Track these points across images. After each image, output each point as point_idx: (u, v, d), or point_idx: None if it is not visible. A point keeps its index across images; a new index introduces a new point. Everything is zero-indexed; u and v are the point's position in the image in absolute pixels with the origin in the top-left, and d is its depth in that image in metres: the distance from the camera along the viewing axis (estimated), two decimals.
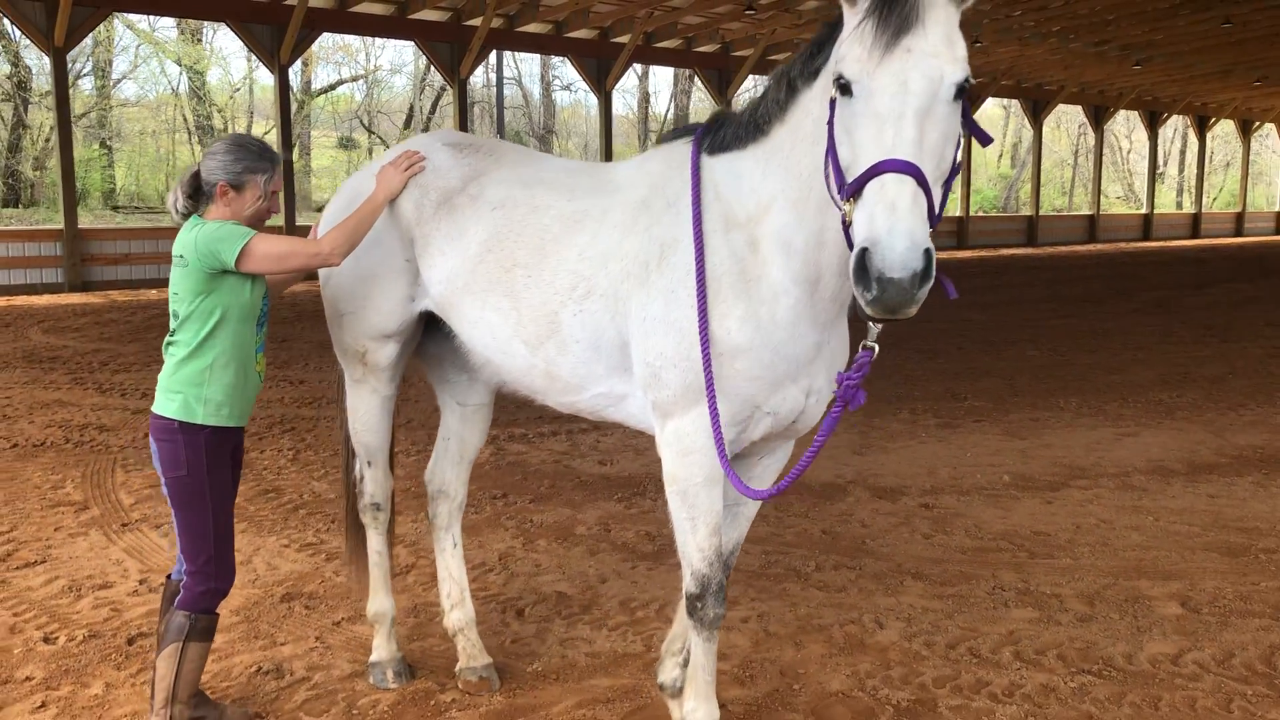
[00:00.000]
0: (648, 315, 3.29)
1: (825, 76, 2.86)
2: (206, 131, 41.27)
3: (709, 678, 3.52)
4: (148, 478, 7.23)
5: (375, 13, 22.90)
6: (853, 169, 2.55)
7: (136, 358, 12.13)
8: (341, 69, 46.22)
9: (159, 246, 20.92)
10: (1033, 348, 13.09)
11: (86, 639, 4.67)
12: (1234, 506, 6.65)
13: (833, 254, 3.04)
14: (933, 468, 7.60)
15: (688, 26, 26.55)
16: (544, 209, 3.65)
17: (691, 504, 3.31)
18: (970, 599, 5.16)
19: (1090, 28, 28.22)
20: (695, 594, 3.39)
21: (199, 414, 3.60)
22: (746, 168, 3.22)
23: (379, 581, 4.36)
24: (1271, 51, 32.24)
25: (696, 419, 3.24)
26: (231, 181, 3.62)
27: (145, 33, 38.46)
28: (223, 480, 3.69)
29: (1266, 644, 4.63)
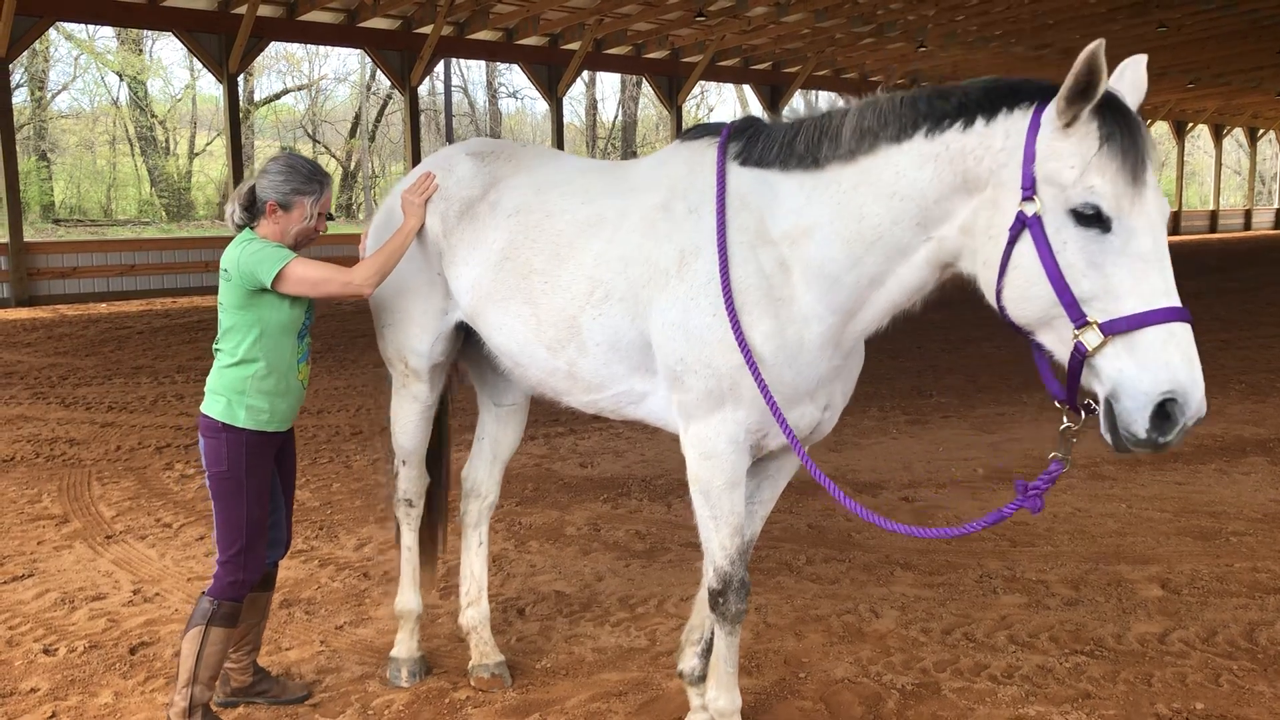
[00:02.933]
0: (666, 321, 3.31)
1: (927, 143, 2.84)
2: (149, 142, 40.68)
3: (731, 669, 3.61)
4: (125, 490, 7.17)
5: (325, 21, 22.76)
6: (1108, 305, 2.51)
7: (96, 371, 11.96)
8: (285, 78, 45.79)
9: (106, 260, 20.65)
10: (991, 345, 13.35)
11: (88, 650, 4.64)
12: (1200, 492, 6.87)
13: (889, 297, 3.08)
14: (908, 462, 7.76)
15: (637, 33, 26.69)
16: (558, 214, 3.68)
17: (714, 505, 3.37)
18: (960, 586, 5.29)
19: (1031, 32, 28.81)
20: (718, 590, 3.46)
21: (240, 418, 3.73)
22: (786, 189, 3.18)
23: (407, 578, 4.41)
24: (1203, 54, 33.14)
25: (719, 424, 3.29)
26: (280, 201, 3.73)
27: (84, 42, 37.83)
28: (262, 479, 3.80)
29: (1246, 621, 4.81)
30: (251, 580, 3.83)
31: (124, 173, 41.22)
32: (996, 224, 2.69)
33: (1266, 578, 5.33)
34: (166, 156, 42.03)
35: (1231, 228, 49.77)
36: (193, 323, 16.59)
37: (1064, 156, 2.55)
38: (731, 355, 3.18)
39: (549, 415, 9.23)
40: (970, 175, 2.76)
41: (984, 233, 2.74)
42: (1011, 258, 2.64)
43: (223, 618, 3.78)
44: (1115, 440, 2.52)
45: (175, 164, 42.37)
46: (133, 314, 17.94)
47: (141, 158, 41.43)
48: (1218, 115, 47.82)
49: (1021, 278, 2.63)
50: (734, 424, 3.28)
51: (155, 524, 6.43)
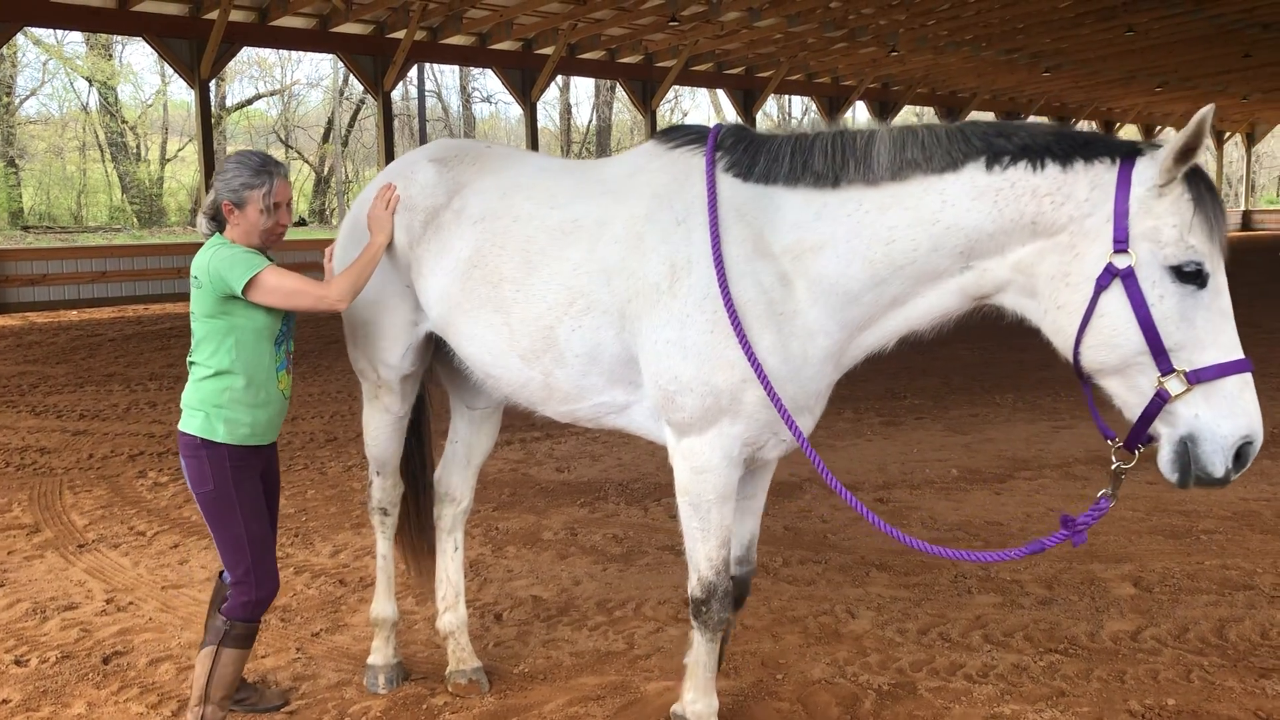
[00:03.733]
0: (659, 339, 3.21)
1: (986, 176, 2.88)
2: (119, 148, 40.36)
3: (710, 674, 3.63)
4: (97, 498, 7.11)
5: (297, 26, 22.68)
6: (1193, 355, 2.67)
7: (67, 379, 11.86)
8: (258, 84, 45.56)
9: (77, 267, 20.49)
10: (963, 347, 13.44)
11: (60, 660, 4.60)
12: (1171, 491, 6.93)
13: (908, 320, 3.13)
14: (882, 464, 7.80)
15: (611, 38, 26.73)
16: (525, 219, 3.60)
17: (703, 517, 3.36)
18: (935, 587, 5.32)
19: (1001, 36, 29.06)
20: (701, 599, 3.46)
21: (219, 433, 3.60)
22: (791, 203, 3.15)
23: (383, 585, 4.38)
24: (1171, 58, 33.53)
25: (713, 439, 3.25)
26: (233, 200, 3.60)
27: (53, 48, 37.50)
28: (254, 493, 3.68)
29: (1217, 618, 4.87)
30: (267, 597, 3.70)
31: (94, 179, 40.87)
32: (1076, 271, 2.76)
33: (1236, 574, 5.40)
34: (138, 162, 41.71)
35: None
36: (165, 330, 16.47)
37: (1162, 215, 2.67)
38: (732, 371, 3.13)
39: (525, 420, 9.21)
40: (1044, 218, 2.81)
41: (1059, 278, 2.81)
42: (1098, 306, 2.72)
43: (236, 639, 3.66)
44: (1182, 479, 2.74)
45: (147, 170, 42.05)
46: (104, 321, 17.80)
47: (112, 164, 41.09)
48: (1185, 118, 48.16)
49: (1108, 325, 2.72)
50: (730, 438, 3.25)
51: (128, 532, 6.38)
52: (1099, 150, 2.79)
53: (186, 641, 4.77)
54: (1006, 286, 2.96)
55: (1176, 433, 2.71)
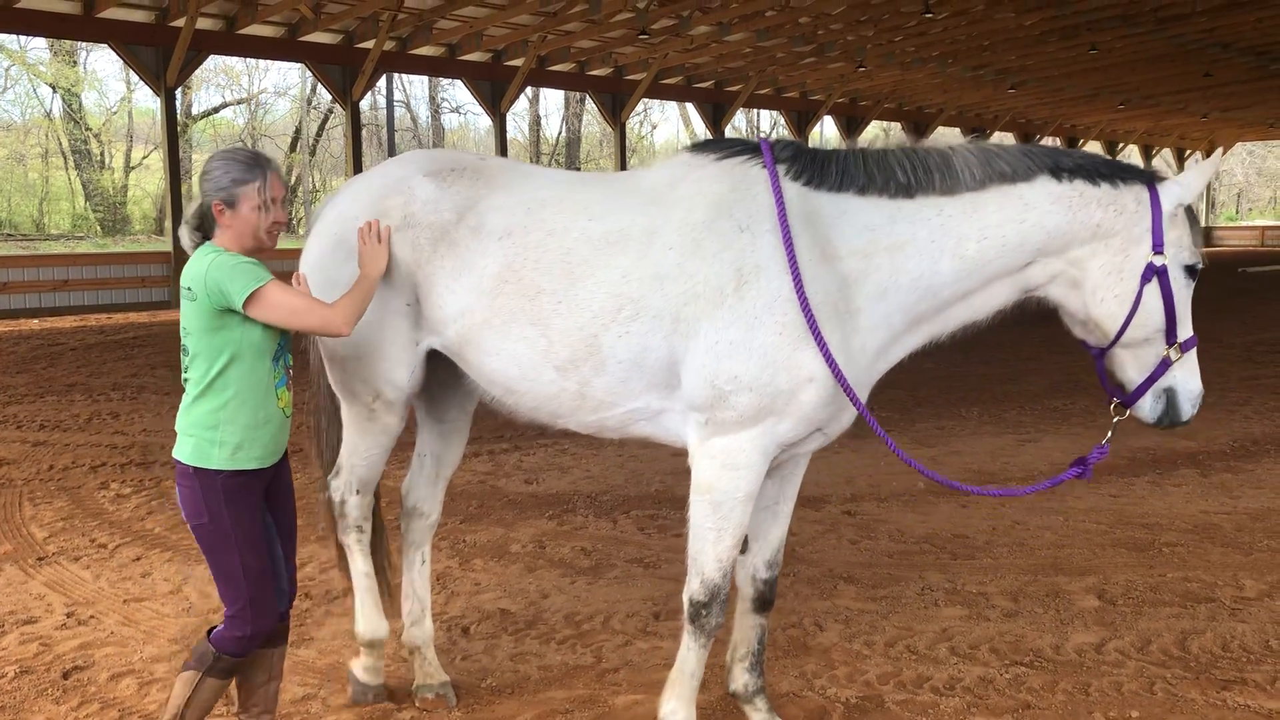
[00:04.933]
0: (723, 339, 3.33)
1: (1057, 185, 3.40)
2: (83, 155, 39.93)
3: (695, 684, 3.69)
4: (58, 510, 7.01)
5: (265, 35, 22.57)
6: (1182, 332, 3.42)
7: (28, 389, 11.70)
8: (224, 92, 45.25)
9: (39, 275, 20.26)
10: (929, 360, 13.44)
11: (18, 675, 4.53)
12: (1134, 505, 7.02)
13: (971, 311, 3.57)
14: (850, 476, 7.84)
15: (581, 50, 26.79)
16: (561, 232, 3.60)
17: (725, 515, 3.46)
18: (902, 599, 5.35)
19: (967, 53, 29.41)
20: (703, 602, 3.55)
21: (214, 458, 3.36)
22: (862, 208, 3.44)
23: (369, 604, 4.21)
24: (1133, 77, 34.05)
25: (755, 436, 3.40)
26: (225, 199, 3.33)
27: (15, 53, 37.08)
28: (251, 523, 3.43)
29: (1179, 630, 4.92)
30: (260, 634, 3.47)
31: (57, 186, 40.41)
32: (1127, 268, 3.39)
33: (1197, 587, 5.46)
34: (101, 170, 41.27)
35: None
36: (128, 339, 16.29)
37: (1179, 228, 3.42)
38: (797, 372, 3.32)
39: (493, 432, 9.19)
40: (1106, 223, 3.40)
41: (1112, 271, 3.40)
42: (1143, 294, 3.37)
43: (219, 671, 3.47)
44: (1159, 421, 3.50)
45: (111, 178, 41.61)
46: (66, 330, 17.58)
47: (75, 171, 40.64)
48: (1147, 136, 49.08)
49: (1147, 308, 3.38)
50: (771, 436, 3.41)
51: (90, 545, 6.30)
52: (1132, 174, 3.45)
53: (149, 656, 4.71)
54: (1056, 279, 3.49)
55: (1160, 386, 3.45)
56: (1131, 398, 3.50)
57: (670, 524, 6.66)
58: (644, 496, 7.31)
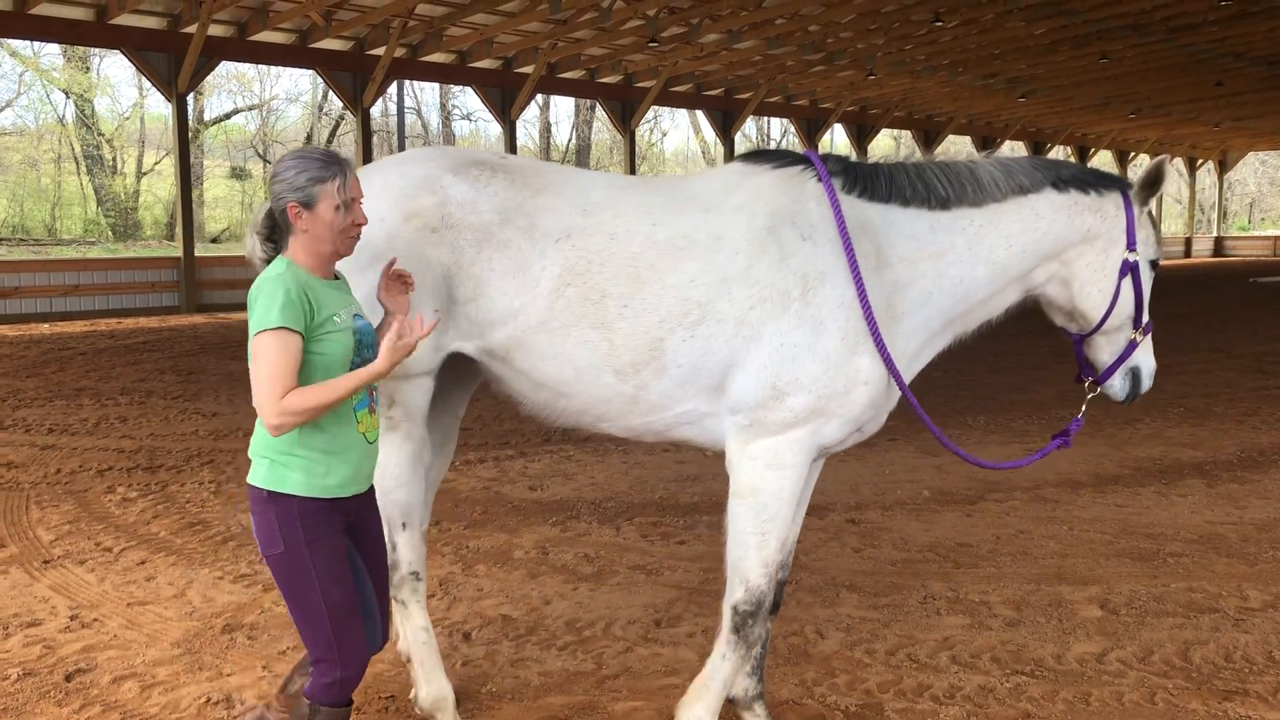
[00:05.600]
0: (787, 342, 3.48)
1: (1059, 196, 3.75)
2: (95, 161, 40.13)
3: (724, 695, 3.74)
4: (64, 514, 7.04)
5: (276, 42, 22.68)
6: (1143, 317, 3.84)
7: (37, 393, 11.75)
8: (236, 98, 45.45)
9: (49, 279, 20.37)
10: (937, 369, 13.44)
11: (21, 677, 4.54)
12: (1139, 514, 7.00)
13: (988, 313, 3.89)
14: (855, 485, 7.83)
15: (591, 58, 26.86)
16: (625, 236, 3.60)
17: (769, 519, 3.56)
18: (904, 608, 5.34)
19: (978, 62, 29.40)
20: (750, 610, 3.61)
21: (288, 482, 3.10)
22: (905, 218, 3.69)
23: (433, 663, 3.94)
24: (1144, 85, 33.99)
25: (801, 437, 3.54)
26: (301, 200, 3.08)
27: (29, 59, 37.30)
28: (333, 553, 3.15)
29: (1182, 640, 4.91)
30: (354, 677, 3.21)
31: (69, 191, 40.61)
32: (1108, 265, 3.77)
33: (1201, 597, 5.44)
34: (113, 175, 41.48)
35: (1172, 255, 50.84)
36: (138, 344, 16.36)
37: (1146, 228, 3.84)
38: (856, 374, 3.51)
39: (498, 438, 9.21)
40: (1094, 227, 3.77)
41: (1097, 269, 3.78)
42: (1120, 288, 3.77)
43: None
44: (1128, 397, 3.97)
45: (123, 183, 41.82)
46: (76, 335, 17.66)
47: (88, 176, 40.85)
48: (1159, 145, 48.93)
49: (1123, 299, 3.79)
50: (816, 437, 3.58)
51: (95, 548, 6.32)
52: (1110, 182, 3.83)
53: (151, 659, 4.73)
54: (1052, 279, 3.85)
55: (1127, 366, 3.90)
56: (1104, 376, 3.93)
57: (673, 531, 6.66)
58: (648, 504, 7.31)
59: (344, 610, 3.15)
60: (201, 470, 8.26)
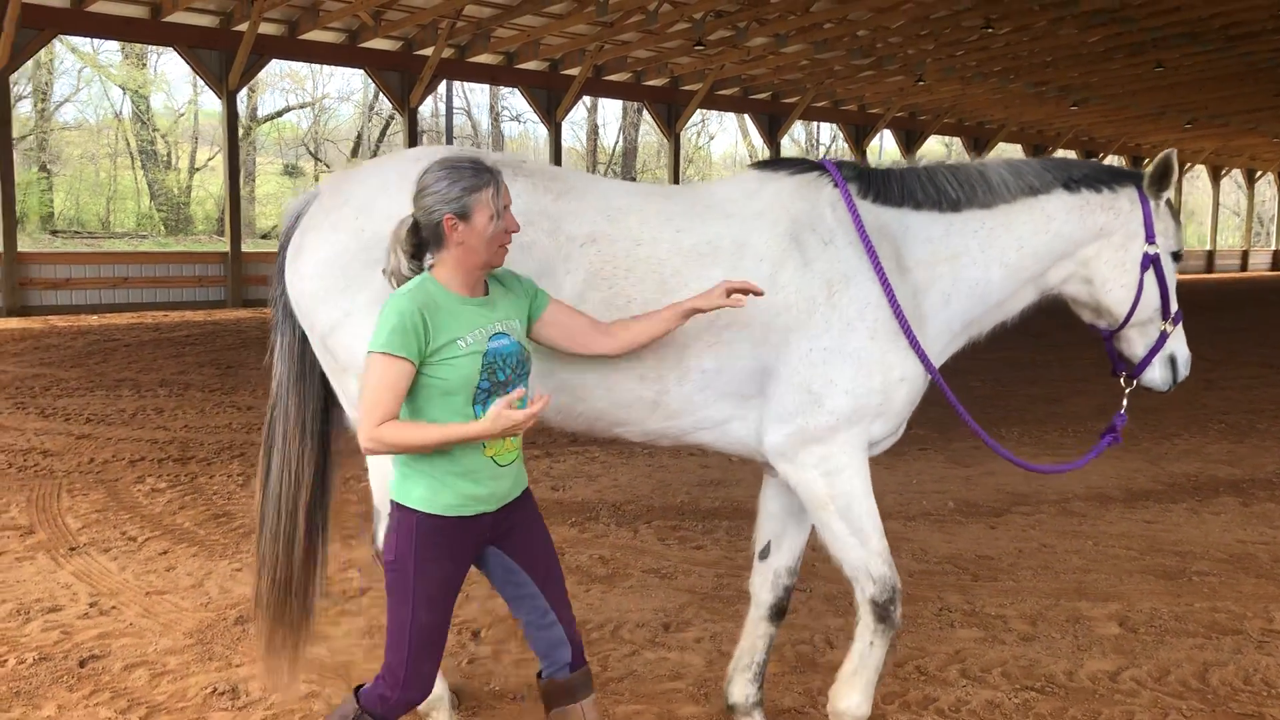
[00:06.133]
0: (816, 346, 3.52)
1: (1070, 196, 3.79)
2: (149, 156, 40.82)
3: (877, 676, 3.78)
4: (94, 502, 7.16)
5: (326, 41, 22.94)
6: (1172, 307, 3.87)
7: (79, 383, 11.97)
8: (288, 96, 46.05)
9: (100, 272, 20.72)
10: (975, 379, 13.37)
11: (37, 661, 4.62)
12: (1169, 531, 6.87)
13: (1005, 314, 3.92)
14: (879, 495, 7.69)
15: (637, 60, 26.89)
16: (649, 242, 3.59)
17: (856, 517, 3.62)
18: (918, 619, 5.28)
19: (1029, 69, 29.04)
20: (887, 599, 3.68)
21: (411, 497, 3.04)
22: (920, 222, 3.74)
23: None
24: (1200, 95, 33.38)
25: (849, 438, 3.57)
26: (457, 211, 2.97)
27: (88, 56, 38.06)
28: (441, 576, 3.05)
29: (1200, 661, 4.80)
30: (406, 703, 3.11)
31: (124, 185, 41.36)
32: (1128, 260, 3.80)
33: (1225, 618, 5.32)
34: (167, 170, 42.20)
35: (1228, 268, 49.93)
36: (181, 337, 16.61)
37: (1165, 220, 3.86)
38: (890, 373, 3.54)
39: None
40: (1108, 225, 3.80)
41: (1117, 265, 3.82)
42: (1143, 281, 3.80)
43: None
44: (1167, 384, 3.96)
45: (176, 178, 42.53)
46: (122, 326, 17.97)
47: (142, 171, 41.58)
48: (1216, 156, 48.10)
49: (1147, 293, 3.82)
50: (865, 436, 3.62)
51: (120, 537, 6.42)
52: (1124, 177, 3.86)
53: (163, 648, 4.79)
54: (1070, 278, 3.89)
55: (1164, 355, 3.93)
56: (1139, 369, 3.96)
57: (691, 536, 6.63)
58: (668, 507, 7.29)
59: (428, 634, 3.07)
60: (231, 463, 8.36)
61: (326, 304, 3.69)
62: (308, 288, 3.73)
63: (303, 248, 3.78)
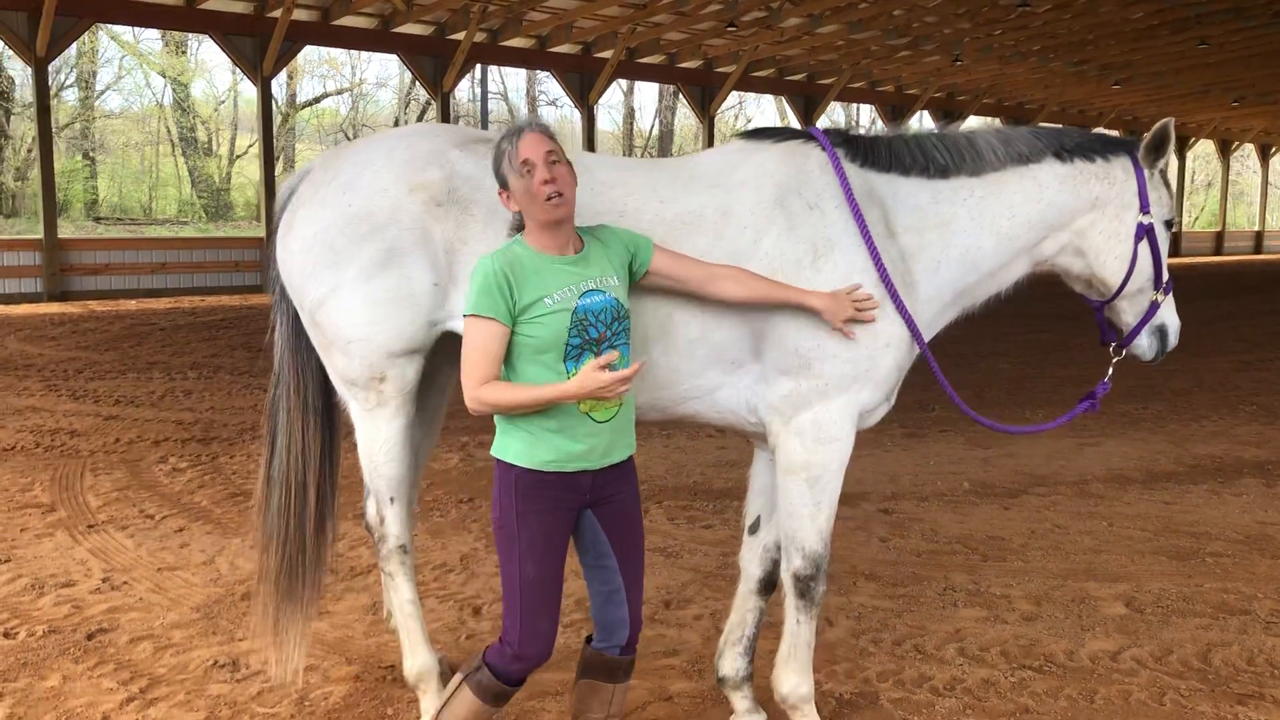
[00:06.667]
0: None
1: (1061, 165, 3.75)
2: (189, 143, 41.30)
3: (811, 652, 3.81)
4: (115, 481, 7.28)
5: (359, 26, 23.06)
6: (1164, 276, 3.84)
7: (112, 365, 12.17)
8: (326, 82, 46.37)
9: (138, 257, 21.01)
10: (1005, 361, 13.24)
11: (46, 634, 4.72)
12: (1187, 512, 6.77)
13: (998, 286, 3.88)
14: (894, 475, 7.71)
15: (670, 43, 26.77)
16: (634, 213, 3.59)
17: (822, 489, 3.64)
18: (921, 599, 5.25)
19: (1069, 48, 28.59)
20: (810, 575, 3.71)
21: (510, 452, 3.09)
22: (907, 188, 3.70)
23: (418, 635, 3.95)
24: (1247, 73, 32.68)
25: (842, 407, 3.56)
26: (500, 183, 3.15)
27: (129, 44, 38.56)
28: (545, 531, 3.08)
29: (1205, 641, 4.74)
30: (532, 656, 3.13)
31: (166, 172, 41.91)
32: (1122, 230, 3.77)
33: (1234, 599, 5.25)
34: (207, 157, 42.69)
35: (1277, 249, 48.94)
36: (215, 321, 16.83)
37: (1159, 190, 3.83)
38: (876, 338, 3.52)
39: None
40: (1101, 194, 3.76)
41: (1111, 235, 3.78)
42: (1138, 251, 3.77)
43: (480, 686, 3.18)
44: (1155, 356, 3.96)
45: (216, 165, 43.02)
46: (159, 311, 18.23)
47: (183, 158, 42.10)
48: (1265, 134, 47.09)
49: (1141, 263, 3.78)
50: (856, 405, 3.59)
51: (138, 515, 6.53)
52: (1118, 147, 3.81)
53: (169, 622, 4.88)
54: (1064, 249, 3.84)
55: (1153, 325, 3.90)
56: (1128, 339, 3.94)
57: (700, 515, 6.64)
58: (680, 488, 7.30)
59: (538, 589, 3.08)
60: (252, 444, 8.47)
61: (314, 279, 3.73)
62: (296, 263, 3.78)
63: (292, 224, 3.83)
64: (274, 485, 4.15)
